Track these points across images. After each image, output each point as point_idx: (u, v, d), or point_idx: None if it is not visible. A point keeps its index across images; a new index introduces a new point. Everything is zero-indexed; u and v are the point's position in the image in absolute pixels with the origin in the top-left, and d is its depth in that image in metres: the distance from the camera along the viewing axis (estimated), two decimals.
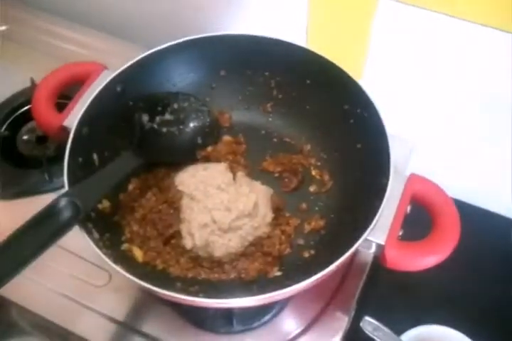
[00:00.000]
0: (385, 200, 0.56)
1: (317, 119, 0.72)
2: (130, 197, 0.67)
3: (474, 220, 0.73)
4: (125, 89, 0.67)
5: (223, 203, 0.63)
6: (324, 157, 0.72)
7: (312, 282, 0.53)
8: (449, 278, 0.80)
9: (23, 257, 0.50)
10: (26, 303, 0.72)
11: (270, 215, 0.66)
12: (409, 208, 0.59)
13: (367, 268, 0.74)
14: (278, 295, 0.52)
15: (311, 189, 0.70)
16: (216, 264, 0.64)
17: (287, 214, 0.68)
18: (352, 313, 0.72)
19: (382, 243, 0.56)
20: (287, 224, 0.67)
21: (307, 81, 0.70)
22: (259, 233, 0.65)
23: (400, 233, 0.58)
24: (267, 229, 0.65)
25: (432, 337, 0.73)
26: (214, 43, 0.70)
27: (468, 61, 0.68)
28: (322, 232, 0.67)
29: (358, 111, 0.65)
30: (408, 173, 0.61)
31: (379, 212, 0.55)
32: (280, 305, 0.70)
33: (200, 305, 0.54)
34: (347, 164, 0.68)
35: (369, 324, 0.71)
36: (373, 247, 0.58)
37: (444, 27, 0.65)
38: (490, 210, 0.87)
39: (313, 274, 0.52)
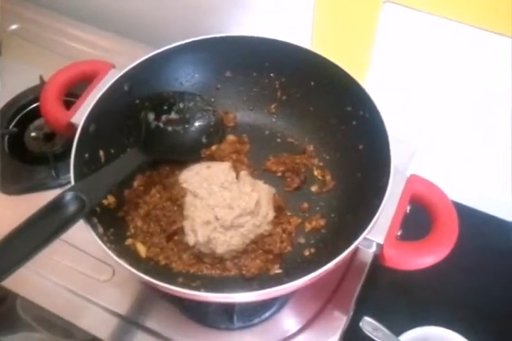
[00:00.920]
0: (385, 200, 0.57)
1: (320, 120, 0.72)
2: (135, 194, 0.68)
3: (474, 223, 0.73)
4: (132, 87, 0.68)
5: (226, 201, 0.64)
6: (326, 157, 0.73)
7: (311, 279, 0.53)
8: (449, 280, 0.81)
9: (29, 249, 0.50)
10: (31, 296, 0.73)
11: (272, 214, 0.67)
12: (408, 208, 0.60)
13: (366, 267, 0.74)
14: (278, 291, 0.53)
15: (313, 189, 0.71)
16: (218, 261, 0.65)
17: (289, 213, 0.69)
18: (351, 313, 0.73)
19: (381, 242, 0.57)
20: (288, 223, 0.68)
21: (311, 83, 0.71)
22: (260, 231, 0.65)
23: (399, 233, 0.59)
24: (269, 228, 0.66)
25: (431, 338, 0.73)
26: (220, 44, 0.71)
27: (470, 65, 0.69)
28: (323, 231, 0.67)
29: (361, 113, 0.66)
30: (408, 174, 0.62)
31: (378, 212, 0.56)
32: (280, 303, 0.71)
33: (201, 300, 0.55)
34: (349, 165, 0.69)
35: (368, 324, 0.71)
36: (374, 246, 0.59)
37: (447, 31, 0.65)
38: (490, 213, 0.88)
39: (312, 272, 0.53)
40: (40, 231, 0.52)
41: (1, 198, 0.81)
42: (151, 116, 0.70)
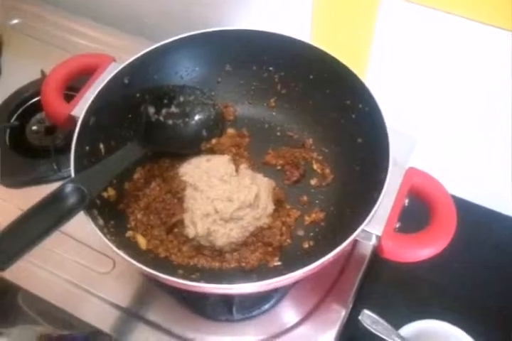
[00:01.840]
0: (383, 193, 0.57)
1: (319, 114, 0.73)
2: (135, 186, 0.68)
3: (475, 217, 0.73)
4: (132, 81, 0.68)
5: (225, 194, 0.65)
6: (326, 151, 0.73)
7: (310, 270, 0.54)
8: (449, 274, 0.81)
9: (29, 240, 0.51)
10: (32, 288, 0.74)
11: (271, 207, 0.67)
12: (407, 201, 0.60)
13: (366, 260, 0.75)
14: (277, 282, 0.54)
15: (312, 182, 0.71)
16: (217, 253, 0.65)
17: (288, 206, 0.69)
18: (350, 305, 0.74)
19: (379, 234, 0.57)
20: (288, 216, 0.68)
21: (310, 76, 0.71)
22: (260, 224, 0.66)
23: (398, 225, 0.59)
24: (268, 220, 0.67)
25: (430, 332, 0.73)
26: (220, 38, 0.71)
27: (470, 58, 0.69)
28: (322, 224, 0.68)
29: (360, 106, 0.66)
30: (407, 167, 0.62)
31: (377, 204, 0.56)
32: (279, 295, 0.72)
33: (201, 291, 0.56)
34: (347, 158, 0.69)
35: (368, 317, 0.71)
36: (373, 239, 0.59)
37: (447, 25, 0.65)
38: (491, 208, 0.88)
39: (311, 263, 0.54)
40: (40, 222, 0.52)
41: (2, 191, 0.82)
42: (152, 109, 0.70)
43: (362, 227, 0.56)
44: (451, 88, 0.75)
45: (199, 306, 0.71)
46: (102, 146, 0.66)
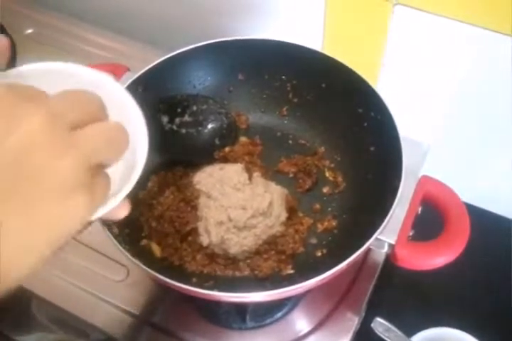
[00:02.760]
0: (397, 201, 0.57)
1: (331, 122, 0.73)
2: (149, 195, 0.69)
3: (487, 224, 0.73)
4: (146, 90, 0.68)
5: (239, 202, 0.65)
6: (338, 159, 0.73)
7: (323, 279, 0.54)
8: (462, 281, 0.81)
9: None
10: (46, 296, 0.74)
11: (284, 215, 0.67)
12: (420, 209, 0.60)
13: (378, 268, 0.75)
14: (290, 291, 0.53)
15: (325, 190, 0.72)
16: (231, 261, 0.65)
17: (301, 214, 0.69)
18: (363, 313, 0.73)
19: (392, 242, 0.57)
20: (301, 224, 0.68)
21: (322, 85, 0.71)
22: (273, 232, 0.66)
23: (411, 233, 0.59)
24: (281, 228, 0.67)
25: (443, 340, 0.73)
26: (233, 48, 0.71)
27: (482, 66, 0.69)
28: (334, 232, 0.68)
29: (372, 114, 0.66)
30: (420, 175, 0.62)
31: (390, 213, 0.56)
32: (292, 303, 0.72)
33: (215, 300, 0.56)
34: (360, 166, 0.69)
35: (380, 325, 0.71)
36: (386, 247, 0.59)
37: (457, 33, 0.66)
38: (502, 215, 0.88)
39: (324, 272, 0.54)
40: None
41: None
42: (165, 118, 0.70)
43: (376, 235, 0.56)
44: (462, 95, 0.75)
45: (212, 314, 0.72)
46: None
